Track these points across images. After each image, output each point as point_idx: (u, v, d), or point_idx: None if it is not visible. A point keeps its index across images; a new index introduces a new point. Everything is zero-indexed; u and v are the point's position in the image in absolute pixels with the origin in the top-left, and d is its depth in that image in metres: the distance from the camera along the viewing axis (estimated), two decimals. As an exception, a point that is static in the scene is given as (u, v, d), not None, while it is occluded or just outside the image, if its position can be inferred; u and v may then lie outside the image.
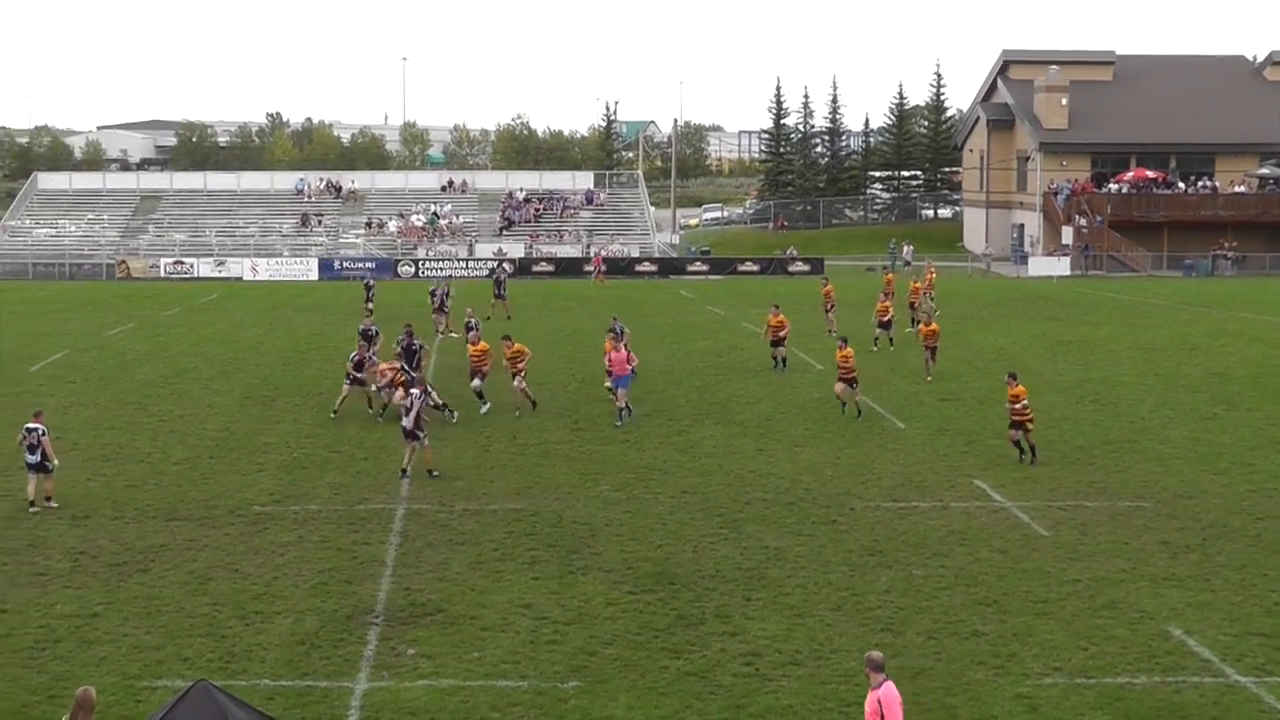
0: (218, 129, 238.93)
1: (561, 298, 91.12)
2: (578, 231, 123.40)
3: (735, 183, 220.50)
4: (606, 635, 25.47)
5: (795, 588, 28.25)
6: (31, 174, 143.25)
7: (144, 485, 37.21)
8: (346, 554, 30.78)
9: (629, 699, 22.51)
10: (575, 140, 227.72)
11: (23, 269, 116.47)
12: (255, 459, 40.32)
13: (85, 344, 66.39)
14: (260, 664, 24.22)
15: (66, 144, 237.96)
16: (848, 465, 39.13)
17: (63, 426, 44.90)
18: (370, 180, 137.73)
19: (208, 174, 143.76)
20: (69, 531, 32.60)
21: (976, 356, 60.43)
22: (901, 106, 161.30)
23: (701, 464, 39.42)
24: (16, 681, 23.36)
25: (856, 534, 32.16)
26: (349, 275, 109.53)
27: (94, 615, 26.75)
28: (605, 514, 33.98)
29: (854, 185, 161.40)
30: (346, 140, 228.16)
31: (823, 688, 22.97)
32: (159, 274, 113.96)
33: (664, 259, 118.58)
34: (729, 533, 32.31)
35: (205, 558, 30.50)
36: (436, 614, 26.77)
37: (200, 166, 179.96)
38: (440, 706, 22.30)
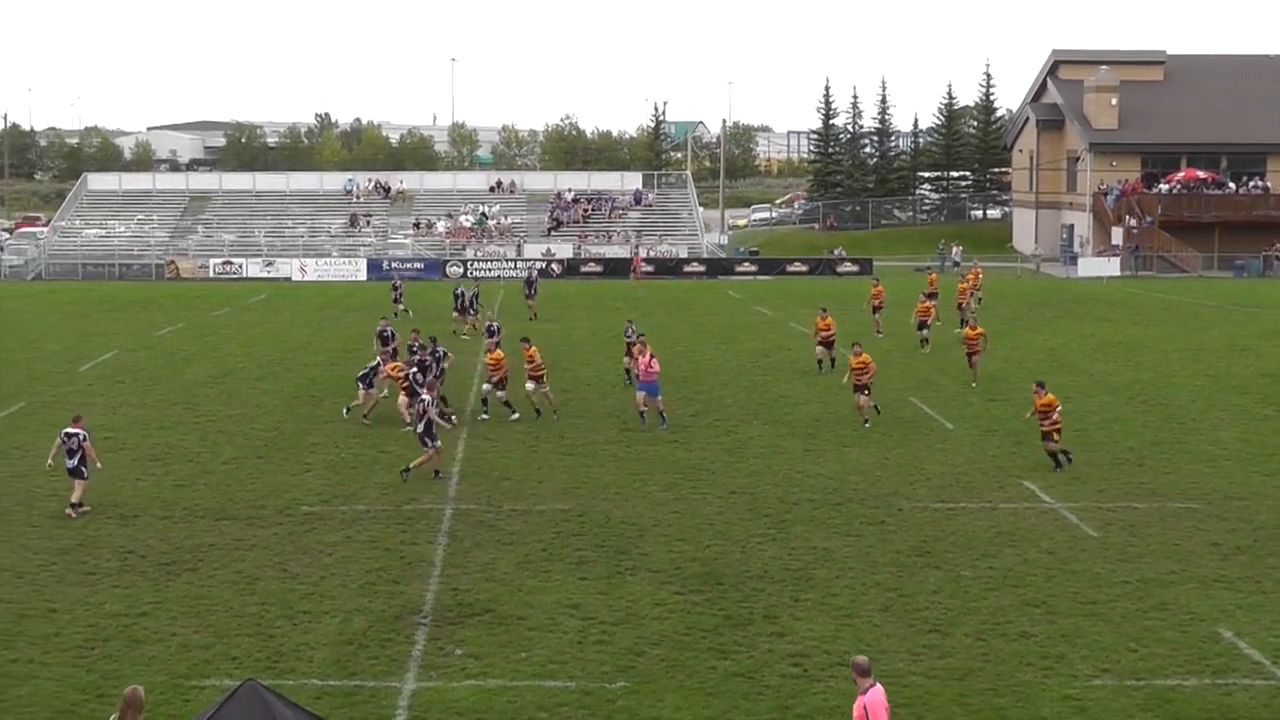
0: (267, 130, 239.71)
1: (610, 298, 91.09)
2: (626, 232, 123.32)
3: (784, 183, 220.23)
4: (654, 636, 25.44)
5: (843, 588, 28.18)
6: (81, 175, 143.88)
7: (192, 485, 37.34)
8: (394, 554, 30.81)
9: (676, 699, 22.47)
10: (624, 141, 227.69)
11: (72, 269, 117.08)
12: (303, 459, 40.42)
13: (134, 344, 66.68)
14: (308, 663, 24.26)
15: (116, 145, 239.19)
16: (896, 466, 39.01)
17: (112, 426, 45.16)
18: (419, 181, 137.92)
19: (257, 174, 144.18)
20: (118, 531, 32.73)
21: (1026, 357, 60.17)
22: (951, 107, 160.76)
23: (749, 464, 39.35)
24: (66, 680, 23.45)
25: (904, 535, 32.06)
26: (398, 275, 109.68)
27: (142, 614, 26.84)
28: (653, 514, 33.94)
29: (903, 186, 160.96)
30: (395, 141, 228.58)
31: (870, 689, 22.88)
32: (208, 274, 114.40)
33: (712, 259, 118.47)
34: (777, 533, 32.25)
35: (253, 557, 30.58)
36: (484, 614, 26.78)
37: (249, 167, 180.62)
38: (487, 707, 22.30)
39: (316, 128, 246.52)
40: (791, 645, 24.90)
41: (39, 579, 29.15)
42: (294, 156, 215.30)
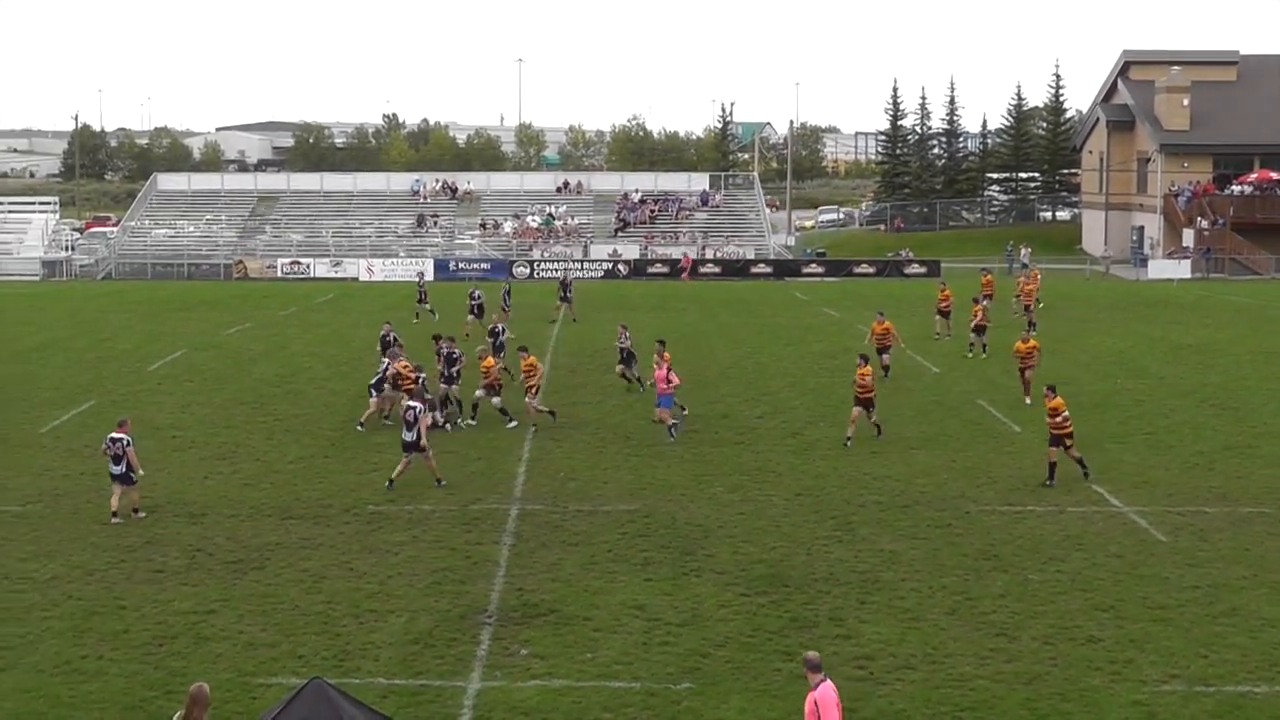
0: (334, 130, 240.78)
1: (676, 299, 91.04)
2: (693, 233, 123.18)
3: (851, 184, 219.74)
4: (719, 637, 25.39)
5: (909, 591, 28.06)
6: (151, 175, 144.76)
7: (260, 484, 37.50)
8: (460, 554, 30.87)
9: (741, 701, 22.42)
10: (690, 141, 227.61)
11: (142, 269, 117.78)
12: (370, 458, 40.51)
13: (202, 343, 67.04)
14: (374, 662, 24.33)
15: (185, 145, 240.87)
16: (963, 468, 38.83)
17: (180, 425, 45.45)
18: (486, 181, 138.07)
19: (324, 175, 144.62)
20: (186, 529, 32.91)
21: (1094, 360, 59.81)
22: (1020, 107, 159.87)
23: (815, 466, 39.25)
24: (134, 677, 23.60)
25: (971, 538, 31.91)
26: (464, 276, 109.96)
27: (210, 612, 26.98)
28: (718, 515, 33.89)
29: (971, 187, 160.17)
30: (462, 141, 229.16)
31: (936, 692, 22.80)
32: (275, 274, 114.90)
33: (779, 261, 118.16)
34: (843, 535, 32.15)
35: (320, 556, 30.70)
36: (549, 614, 26.79)
37: (317, 167, 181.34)
38: (553, 707, 22.30)
39: (384, 128, 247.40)
40: (857, 648, 24.82)
41: (108, 576, 29.35)
42: (361, 157, 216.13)
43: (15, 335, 70.96)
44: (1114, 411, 47.35)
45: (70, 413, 47.81)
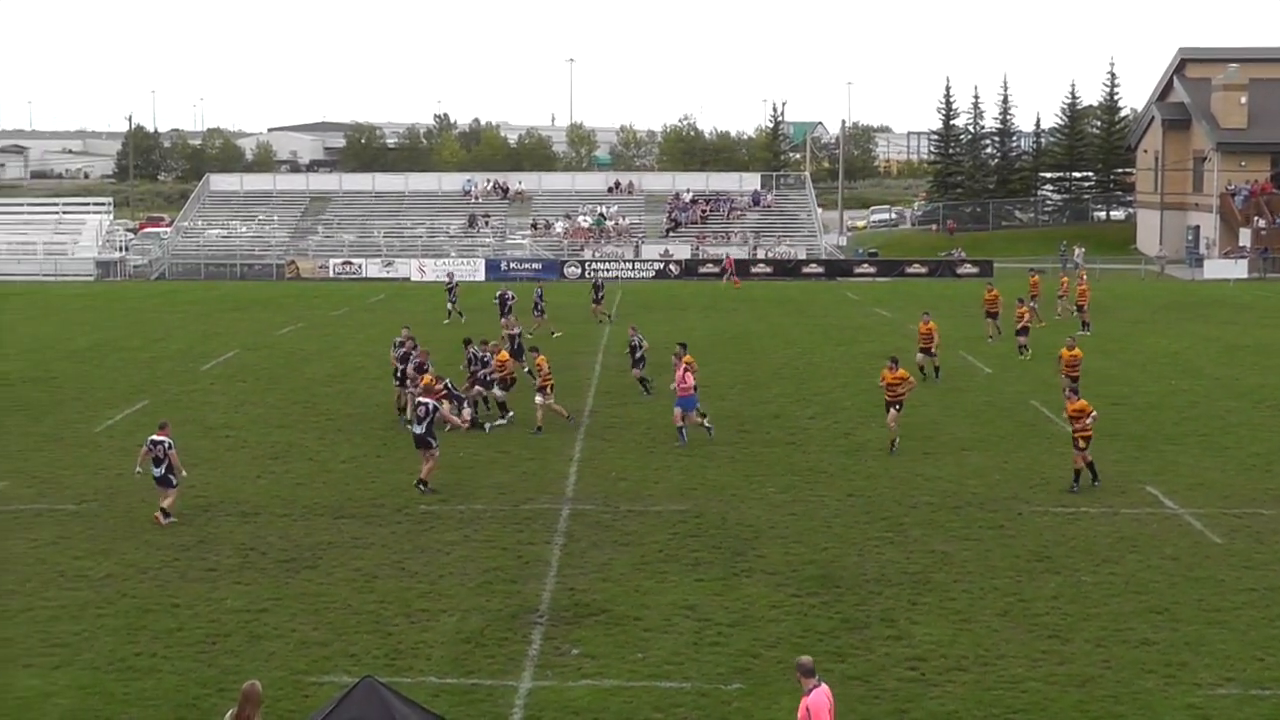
0: (386, 130, 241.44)
1: (727, 299, 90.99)
2: (744, 233, 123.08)
3: (903, 184, 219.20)
4: (770, 638, 25.37)
5: (961, 592, 27.98)
6: (204, 175, 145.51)
7: (312, 483, 37.62)
8: (511, 553, 30.91)
9: (791, 702, 22.29)
10: (742, 141, 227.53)
11: (195, 269, 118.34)
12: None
13: (255, 343, 67.32)
14: (426, 661, 24.38)
15: (238, 146, 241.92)
16: (1015, 469, 38.68)
17: (232, 425, 45.64)
18: (537, 181, 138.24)
19: (376, 175, 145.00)
20: (238, 528, 33.05)
21: (1149, 361, 59.52)
22: (1074, 106, 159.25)
23: (867, 467, 39.16)
24: (187, 675, 23.71)
25: (1024, 539, 31.79)
26: (516, 276, 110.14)
27: (262, 611, 27.08)
28: (769, 516, 33.86)
29: (1024, 186, 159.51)
30: (513, 141, 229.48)
31: (988, 694, 22.72)
32: (327, 274, 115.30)
33: (831, 260, 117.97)
34: (894, 536, 32.07)
35: (372, 555, 30.78)
36: (600, 614, 26.80)
37: (368, 168, 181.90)
38: (603, 707, 22.31)
39: (435, 128, 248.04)
40: (908, 649, 24.75)
41: (162, 575, 29.49)
42: (413, 157, 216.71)
43: (70, 335, 71.40)
44: (1169, 413, 47.10)
45: (124, 412, 48.06)
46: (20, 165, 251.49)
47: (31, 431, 45.04)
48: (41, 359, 62.07)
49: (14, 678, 23.69)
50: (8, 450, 42.25)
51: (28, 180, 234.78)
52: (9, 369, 58.75)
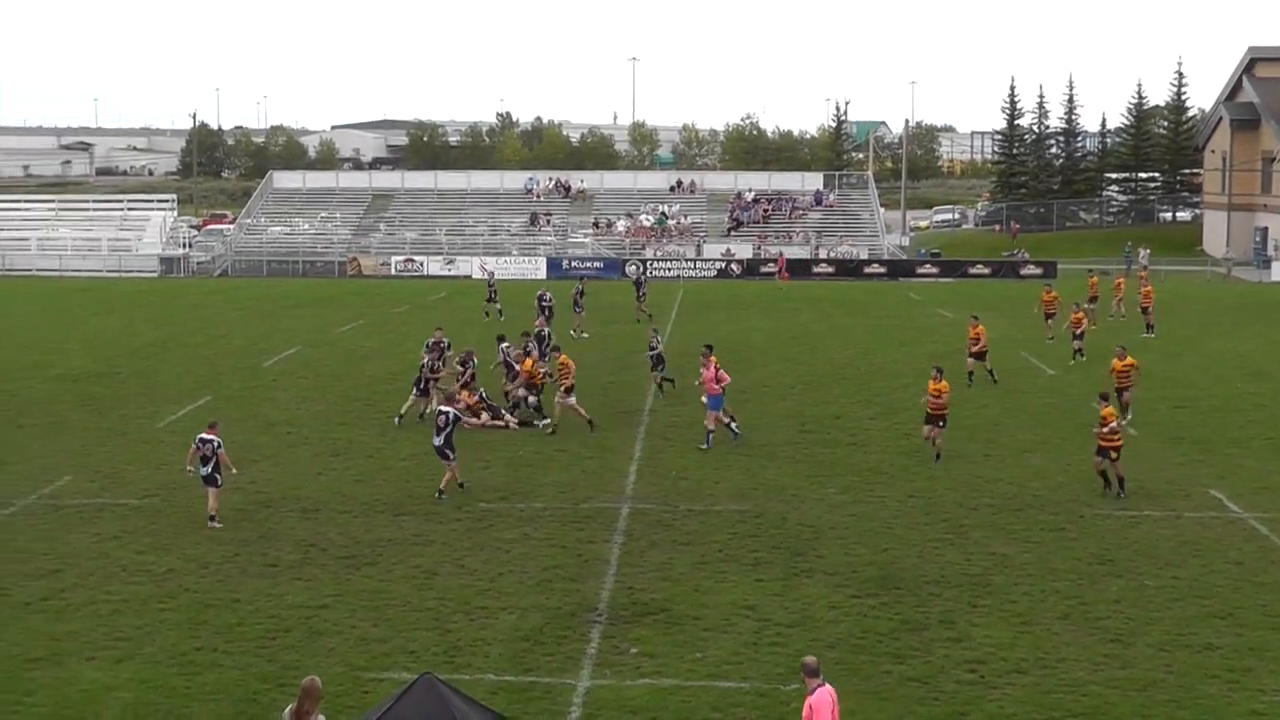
0: (448, 129, 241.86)
1: (789, 299, 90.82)
2: (806, 233, 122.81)
3: (967, 184, 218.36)
4: (829, 638, 25.30)
5: (1021, 595, 27.85)
6: (267, 173, 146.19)
7: (372, 480, 37.73)
8: (571, 552, 30.92)
9: (850, 703, 22.28)
10: (804, 141, 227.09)
11: (258, 266, 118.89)
12: (482, 456, 40.65)
13: (317, 340, 67.57)
14: (484, 659, 24.42)
15: (301, 143, 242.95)
16: (1077, 472, 38.43)
17: (294, 421, 45.81)
18: (599, 180, 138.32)
19: (438, 173, 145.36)
20: (299, 524, 33.18)
21: (1214, 363, 59.09)
22: (1140, 106, 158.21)
23: (928, 468, 39.01)
24: (248, 669, 23.82)
25: (1085, 542, 31.62)
26: (577, 274, 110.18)
27: (323, 606, 27.18)
28: (830, 517, 33.78)
29: (1089, 187, 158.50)
30: (575, 140, 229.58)
31: (1048, 697, 22.60)
32: (389, 272, 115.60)
33: (893, 261, 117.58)
34: (955, 538, 31.95)
35: (431, 553, 30.85)
36: (659, 613, 26.79)
37: (431, 166, 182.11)
38: (661, 706, 22.29)
39: (498, 127, 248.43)
40: (968, 651, 24.65)
41: (223, 570, 29.64)
42: (475, 155, 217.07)
43: (134, 331, 71.85)
44: (1234, 416, 46.76)
45: (186, 408, 48.31)
46: (86, 162, 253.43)
47: (95, 426, 45.35)
48: (105, 354, 62.50)
49: (77, 671, 23.85)
50: (71, 445, 42.54)
51: (93, 177, 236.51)
52: (74, 364, 59.18)
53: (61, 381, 54.44)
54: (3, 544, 31.66)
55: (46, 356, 61.62)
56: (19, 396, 50.97)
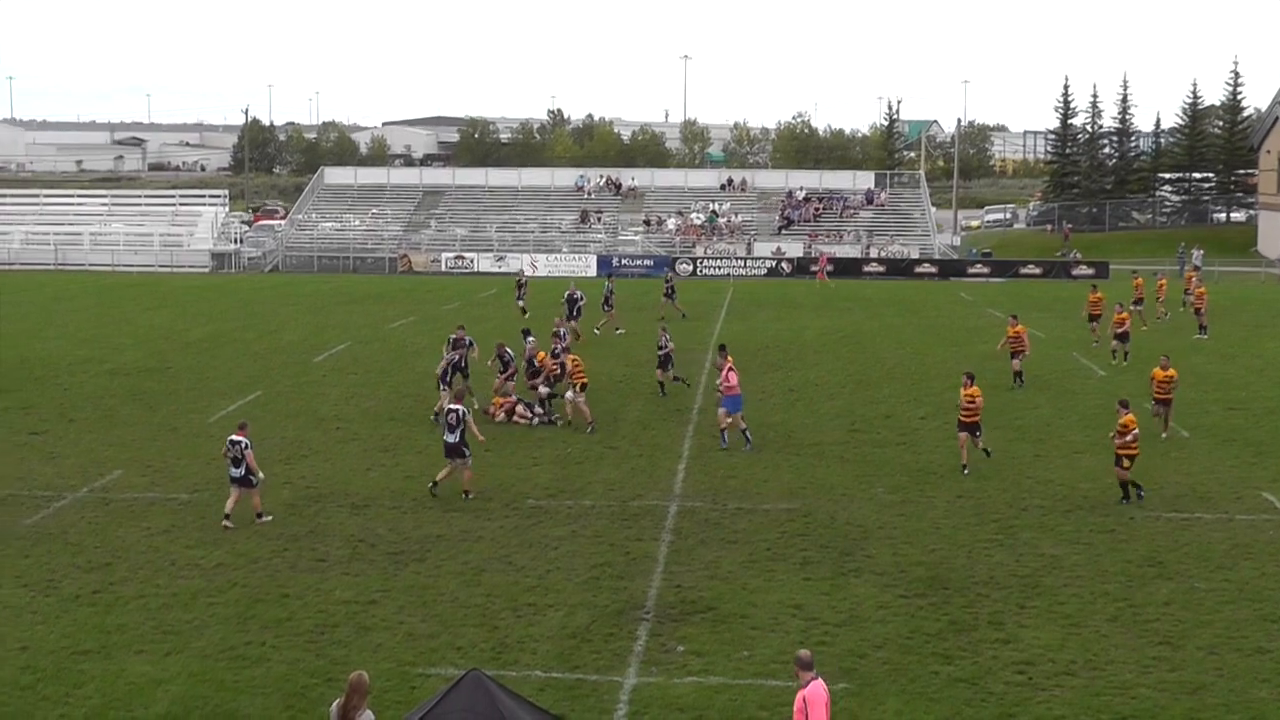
0: (500, 125, 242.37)
1: (840, 298, 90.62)
2: (857, 231, 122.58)
3: (1019, 184, 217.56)
4: (877, 638, 25.25)
5: (1071, 597, 27.73)
6: (318, 169, 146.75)
7: (422, 476, 37.76)
8: (619, 549, 30.93)
9: (898, 703, 22.27)
10: (856, 139, 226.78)
11: (308, 261, 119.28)
12: (531, 453, 40.71)
13: (367, 336, 67.76)
14: (532, 655, 24.44)
15: (352, 140, 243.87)
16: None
17: (343, 416, 45.94)
18: (650, 178, 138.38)
19: (489, 170, 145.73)
20: (349, 520, 33.27)
21: (1268, 366, 58.68)
22: (1195, 106, 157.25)
23: (978, 468, 38.86)
24: (296, 664, 23.89)
25: (1136, 544, 31.46)
26: (627, 273, 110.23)
27: (371, 602, 27.25)
28: (879, 516, 33.70)
29: (1142, 187, 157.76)
30: (626, 138, 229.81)
31: (1097, 699, 22.50)
32: (439, 268, 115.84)
33: (944, 260, 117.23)
34: (1004, 539, 31.83)
35: (480, 549, 30.89)
36: (707, 612, 26.77)
37: (482, 162, 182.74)
38: (708, 704, 22.27)
39: (549, 124, 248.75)
40: (1017, 652, 24.56)
41: (272, 564, 29.74)
42: (526, 152, 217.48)
43: (185, 326, 72.15)
44: (1286, 418, 46.50)
45: (237, 403, 48.49)
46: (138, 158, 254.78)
47: (146, 421, 45.58)
48: (157, 349, 62.78)
49: (126, 664, 23.97)
50: (123, 439, 42.78)
51: (145, 172, 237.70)
52: (126, 359, 59.48)
53: (113, 376, 54.74)
54: (54, 537, 31.87)
55: (98, 351, 61.97)
56: (71, 391, 51.27)
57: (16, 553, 30.62)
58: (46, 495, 35.77)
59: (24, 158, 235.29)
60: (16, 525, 32.86)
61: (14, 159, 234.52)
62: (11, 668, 23.82)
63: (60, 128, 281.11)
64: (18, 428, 44.51)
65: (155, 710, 22.10)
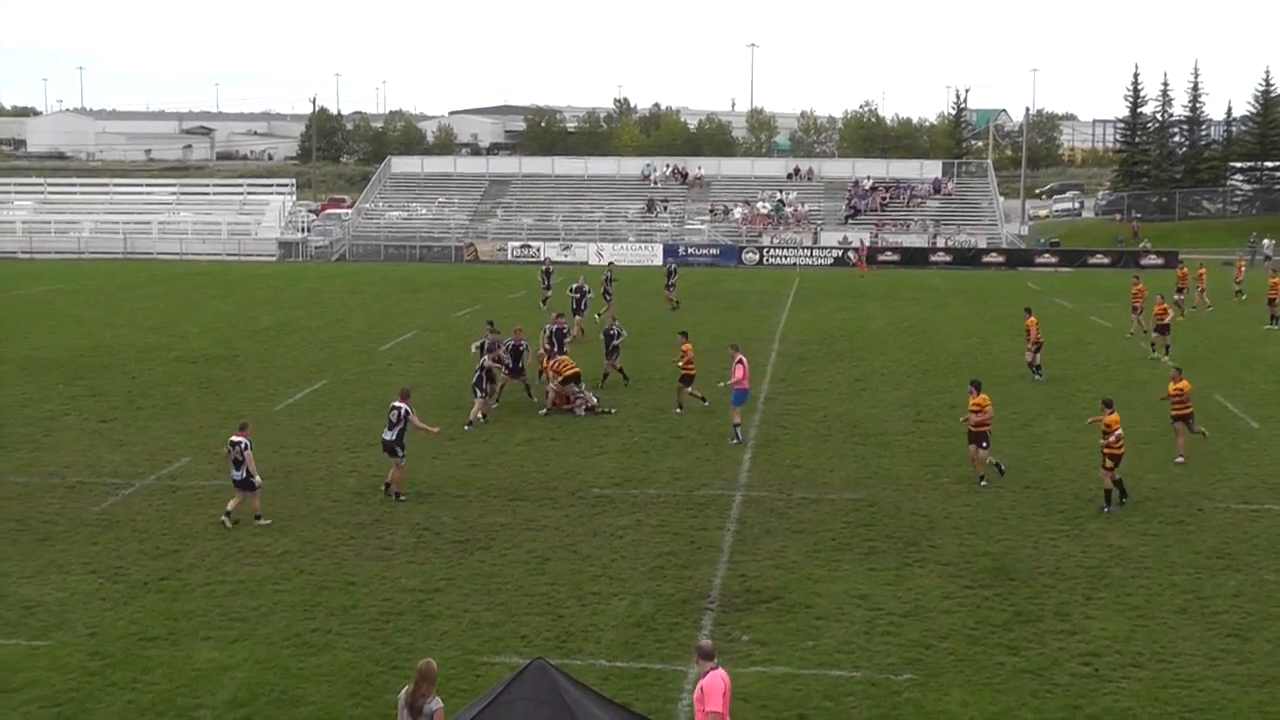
0: (566, 114, 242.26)
1: (907, 288, 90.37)
2: (924, 221, 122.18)
3: (1088, 173, 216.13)
4: (942, 629, 25.15)
5: (1138, 588, 27.55)
6: (385, 158, 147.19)
7: (487, 465, 37.87)
8: (684, 538, 30.91)
9: (963, 694, 22.18)
10: (923, 128, 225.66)
11: (375, 250, 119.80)
12: (596, 442, 40.74)
13: (433, 324, 67.99)
14: (596, 644, 24.46)
15: (419, 129, 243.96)
16: (1196, 465, 37.98)
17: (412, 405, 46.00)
18: (716, 167, 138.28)
19: (555, 159, 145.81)
20: (414, 508, 33.35)
21: (1337, 355, 58.19)
22: (1267, 94, 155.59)
23: (1044, 459, 38.70)
24: (361, 652, 23.97)
25: (1204, 535, 31.24)
26: (693, 261, 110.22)
27: (436, 590, 27.31)
28: (944, 507, 33.58)
29: (1213, 176, 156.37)
30: (693, 126, 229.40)
31: (1164, 691, 22.35)
32: (505, 257, 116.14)
33: (1011, 250, 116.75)
34: (1071, 529, 31.66)
35: (545, 538, 30.92)
36: (772, 601, 26.73)
37: (548, 151, 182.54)
38: (773, 694, 22.24)
39: (615, 113, 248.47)
40: (1083, 644, 24.42)
41: (338, 552, 29.85)
42: (592, 141, 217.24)
43: (252, 314, 72.56)
44: (1357, 409, 46.10)
45: (304, 391, 48.74)
46: (207, 147, 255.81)
47: (213, 408, 45.83)
48: (224, 337, 63.15)
49: (193, 650, 24.11)
50: (190, 426, 43.03)
51: (214, 161, 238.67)
52: (193, 346, 59.84)
53: (181, 364, 55.07)
54: (122, 524, 32.08)
55: (166, 339, 62.37)
56: (139, 378, 51.61)
57: (85, 539, 30.85)
58: (115, 482, 36.02)
59: (94, 147, 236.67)
60: (85, 512, 33.11)
61: (84, 148, 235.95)
62: (80, 653, 24.00)
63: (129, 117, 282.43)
64: (87, 415, 44.83)
65: (221, 696, 22.23)
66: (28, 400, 47.26)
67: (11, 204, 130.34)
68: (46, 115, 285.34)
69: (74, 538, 30.85)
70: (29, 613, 26.16)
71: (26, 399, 47.48)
